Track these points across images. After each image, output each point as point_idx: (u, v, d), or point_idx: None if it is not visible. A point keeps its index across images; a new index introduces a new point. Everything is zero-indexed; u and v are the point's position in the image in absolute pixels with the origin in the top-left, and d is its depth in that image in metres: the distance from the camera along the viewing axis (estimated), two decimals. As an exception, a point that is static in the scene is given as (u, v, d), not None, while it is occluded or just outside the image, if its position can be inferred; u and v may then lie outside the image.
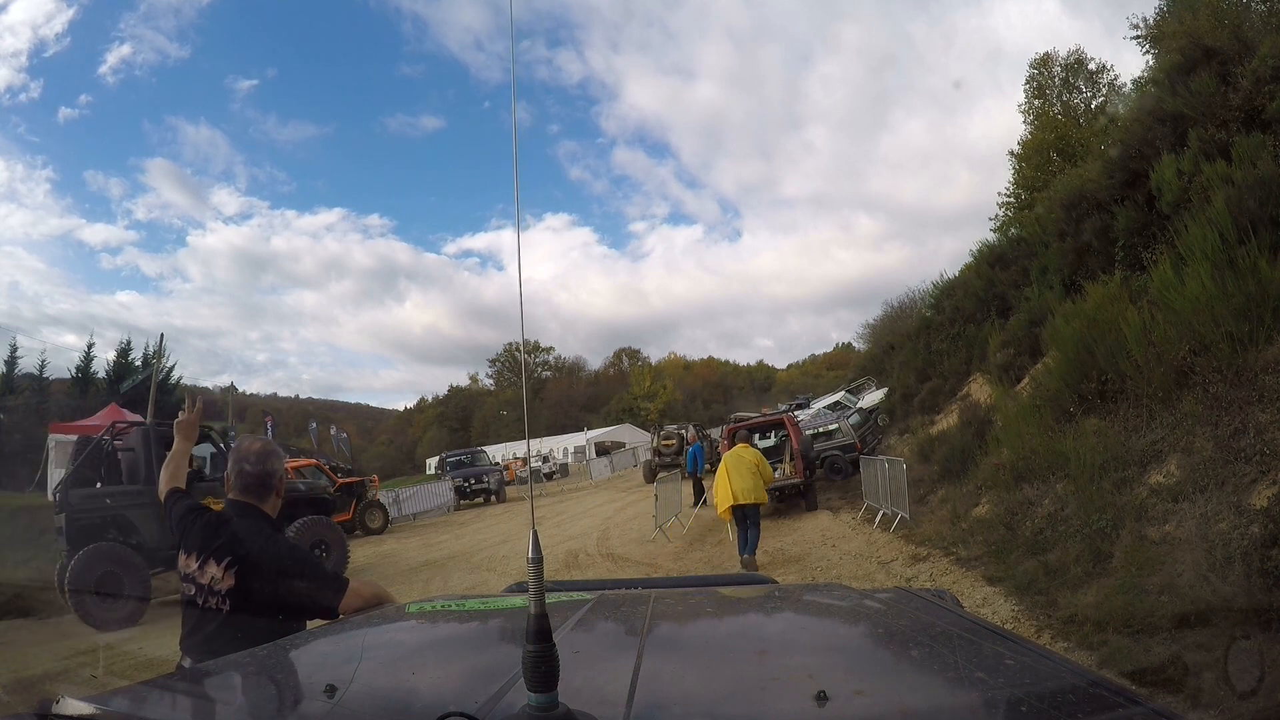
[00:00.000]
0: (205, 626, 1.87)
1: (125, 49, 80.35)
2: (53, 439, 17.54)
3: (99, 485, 8.83)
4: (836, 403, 21.56)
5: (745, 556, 8.00)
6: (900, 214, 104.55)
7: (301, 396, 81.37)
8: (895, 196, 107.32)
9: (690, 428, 24.40)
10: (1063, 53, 21.45)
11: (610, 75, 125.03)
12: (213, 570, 1.86)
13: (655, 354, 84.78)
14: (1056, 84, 21.31)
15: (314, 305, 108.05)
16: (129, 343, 29.39)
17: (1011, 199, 20.48)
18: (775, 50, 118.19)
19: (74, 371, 27.52)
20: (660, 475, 14.31)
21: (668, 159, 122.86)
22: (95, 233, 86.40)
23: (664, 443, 22.17)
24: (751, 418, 16.04)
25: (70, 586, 7.71)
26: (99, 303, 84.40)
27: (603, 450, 39.00)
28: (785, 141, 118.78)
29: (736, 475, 8.11)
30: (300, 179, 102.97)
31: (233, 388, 44.39)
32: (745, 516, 8.13)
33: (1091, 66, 20.78)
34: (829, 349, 71.60)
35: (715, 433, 22.62)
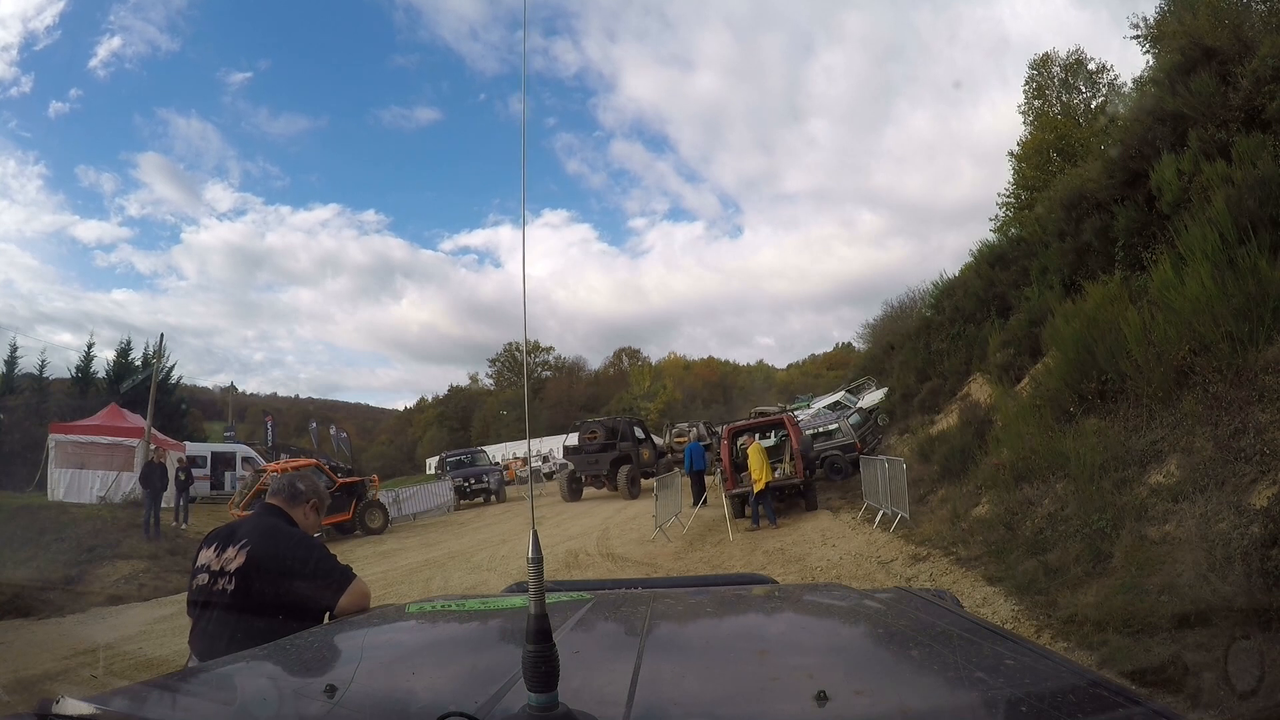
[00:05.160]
0: (209, 613, 1.93)
1: (115, 41, 79.48)
2: (53, 439, 17.52)
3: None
4: (836, 403, 21.55)
5: (770, 523, 10.76)
6: (903, 209, 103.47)
7: (301, 396, 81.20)
8: (898, 191, 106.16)
9: (700, 425, 24.43)
10: (1065, 50, 21.46)
11: (607, 66, 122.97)
12: (229, 553, 1.98)
13: (655, 352, 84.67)
14: (1056, 84, 21.30)
15: (310, 303, 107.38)
16: (129, 343, 29.40)
17: (1011, 199, 20.47)
18: (776, 40, 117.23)
19: (74, 371, 27.52)
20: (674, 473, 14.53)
21: (667, 153, 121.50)
22: (88, 229, 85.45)
23: (676, 440, 22.16)
24: (772, 411, 17.39)
25: (627, 481, 17.77)
26: (94, 300, 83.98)
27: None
28: (787, 135, 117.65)
29: (761, 462, 10.91)
30: (294, 174, 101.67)
31: (232, 387, 44.59)
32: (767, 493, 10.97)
33: (1091, 67, 20.77)
34: (829, 348, 71.33)
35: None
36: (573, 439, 20.36)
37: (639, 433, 19.76)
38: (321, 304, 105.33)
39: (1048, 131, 19.76)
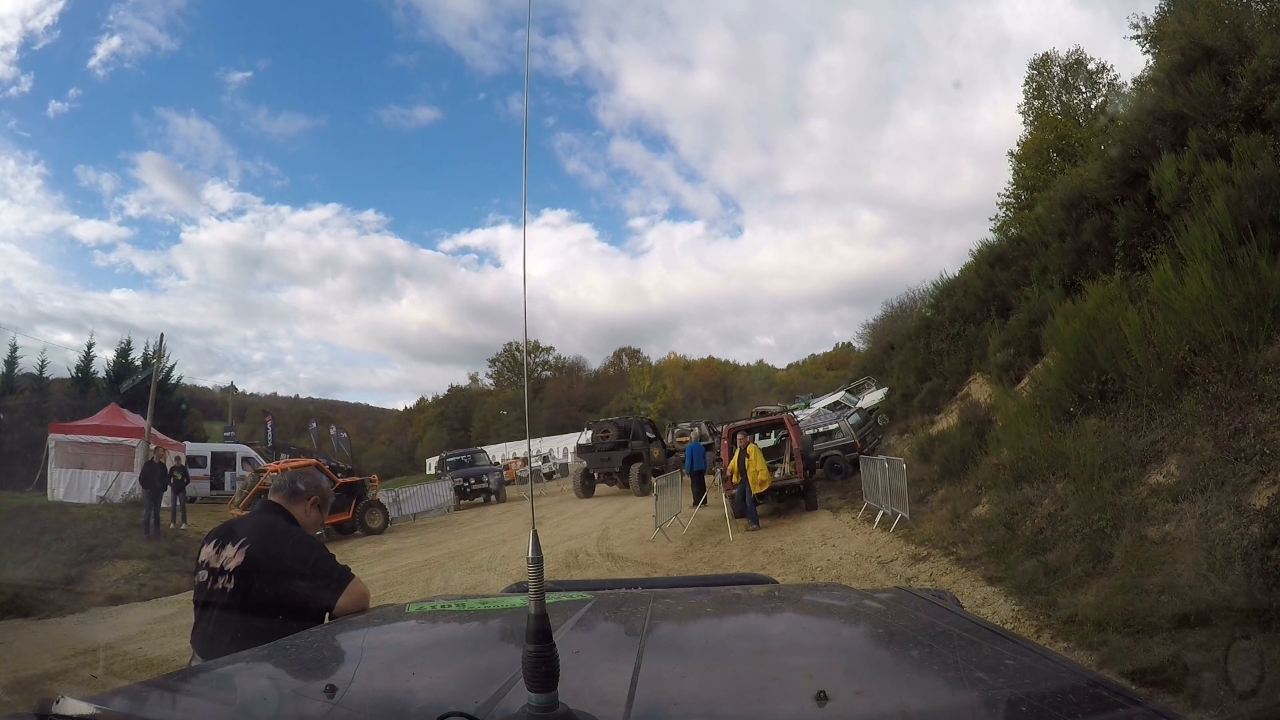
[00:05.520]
0: (210, 612, 1.94)
1: (115, 41, 79.51)
2: (53, 439, 17.51)
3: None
4: (836, 403, 21.55)
5: (754, 526, 10.76)
6: (904, 209, 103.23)
7: (301, 396, 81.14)
8: (899, 191, 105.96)
9: (702, 425, 24.50)
10: (1065, 50, 21.46)
11: (607, 65, 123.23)
12: (228, 551, 1.98)
13: (655, 352, 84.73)
14: (1056, 84, 21.29)
15: (309, 303, 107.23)
16: (129, 342, 29.42)
17: (1011, 199, 20.47)
18: (776, 39, 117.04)
19: (74, 371, 27.54)
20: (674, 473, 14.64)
21: (667, 152, 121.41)
22: (88, 229, 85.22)
23: (679, 440, 22.20)
24: (773, 410, 18.36)
25: (639, 478, 17.91)
26: (93, 300, 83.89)
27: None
28: (787, 134, 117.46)
29: (763, 464, 11.09)
30: (293, 174, 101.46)
31: (233, 387, 44.58)
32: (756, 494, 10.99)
33: (1091, 67, 20.77)
34: (829, 348, 71.30)
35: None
36: (586, 437, 21.02)
37: (649, 432, 20.55)
38: (321, 304, 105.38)
39: (1048, 131, 19.75)
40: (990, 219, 20.95)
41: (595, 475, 19.86)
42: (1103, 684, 0.91)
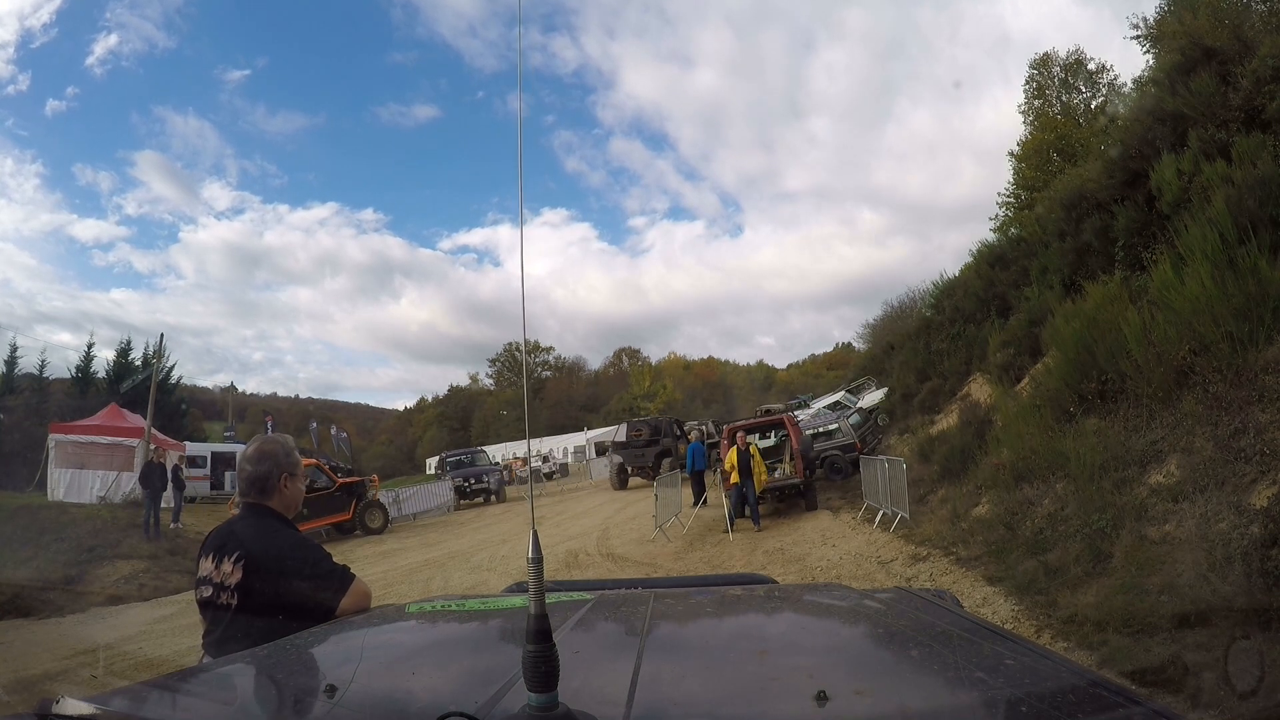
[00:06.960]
0: (219, 624, 1.92)
1: (112, 39, 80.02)
2: (53, 439, 17.52)
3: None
4: (836, 403, 21.55)
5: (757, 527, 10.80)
6: (904, 208, 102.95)
7: (301, 396, 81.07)
8: (899, 190, 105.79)
9: (709, 424, 24.58)
10: (1065, 50, 21.48)
11: (607, 63, 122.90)
12: (226, 567, 1.93)
13: (655, 352, 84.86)
14: (1056, 84, 21.31)
15: (308, 302, 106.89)
16: (129, 342, 29.43)
17: (1011, 199, 20.47)
18: (777, 36, 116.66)
19: (74, 371, 27.54)
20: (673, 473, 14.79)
21: (666, 150, 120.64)
22: (86, 228, 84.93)
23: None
24: (777, 409, 18.81)
25: (669, 472, 15.73)
26: (92, 300, 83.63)
27: (603, 450, 38.93)
28: (787, 132, 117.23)
29: (763, 464, 11.24)
30: (292, 172, 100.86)
31: (233, 387, 44.58)
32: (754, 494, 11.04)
33: (1091, 66, 20.79)
34: (830, 348, 71.27)
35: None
36: (621, 434, 23.02)
37: (677, 430, 22.35)
38: (320, 303, 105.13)
39: (1048, 131, 19.76)
40: (990, 219, 21.00)
41: (629, 469, 21.53)
42: (1103, 684, 0.91)
